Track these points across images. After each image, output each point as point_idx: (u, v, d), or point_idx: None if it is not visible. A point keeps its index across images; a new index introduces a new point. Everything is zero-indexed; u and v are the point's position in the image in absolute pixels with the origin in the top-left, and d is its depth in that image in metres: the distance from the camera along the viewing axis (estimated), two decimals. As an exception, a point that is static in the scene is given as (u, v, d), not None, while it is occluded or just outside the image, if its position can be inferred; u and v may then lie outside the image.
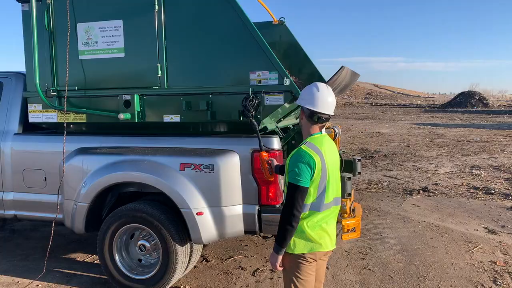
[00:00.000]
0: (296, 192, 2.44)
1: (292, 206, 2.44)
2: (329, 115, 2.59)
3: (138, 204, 3.82)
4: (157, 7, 3.65)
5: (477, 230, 5.62)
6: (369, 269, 4.43)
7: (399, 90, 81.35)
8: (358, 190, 7.86)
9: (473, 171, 9.66)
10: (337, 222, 4.15)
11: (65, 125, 3.99)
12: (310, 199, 2.51)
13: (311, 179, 2.46)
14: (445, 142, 15.13)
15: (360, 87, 72.10)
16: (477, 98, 44.01)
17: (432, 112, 36.52)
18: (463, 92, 47.43)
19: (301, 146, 2.52)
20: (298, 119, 2.85)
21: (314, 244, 2.55)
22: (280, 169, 3.23)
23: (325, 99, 2.57)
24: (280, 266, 2.57)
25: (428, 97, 72.51)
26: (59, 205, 4.02)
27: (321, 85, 2.62)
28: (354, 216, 4.10)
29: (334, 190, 2.62)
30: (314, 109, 2.55)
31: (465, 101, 44.11)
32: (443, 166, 10.39)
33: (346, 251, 4.90)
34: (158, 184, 3.65)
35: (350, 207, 4.12)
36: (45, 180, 4.12)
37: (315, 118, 2.56)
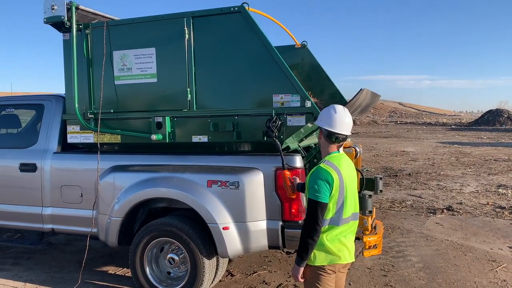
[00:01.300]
0: (316, 208, 2.61)
1: (312, 221, 2.61)
2: (346, 135, 2.76)
3: (168, 218, 4.04)
4: (187, 35, 3.92)
5: (501, 249, 5.61)
6: (391, 285, 4.50)
7: (424, 108, 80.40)
8: (382, 209, 7.90)
9: (500, 190, 9.56)
10: (358, 239, 4.29)
11: (98, 146, 4.24)
12: (329, 214, 2.67)
13: (329, 195, 2.63)
14: (471, 161, 14.94)
15: (385, 105, 71.63)
16: (506, 116, 43.21)
17: (458, 130, 35.98)
18: (490, 110, 46.62)
19: (320, 164, 2.70)
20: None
21: (334, 256, 2.70)
22: (302, 187, 3.40)
23: (342, 120, 2.76)
24: (301, 278, 2.72)
25: (454, 115, 71.38)
26: (94, 219, 4.26)
27: (338, 107, 2.81)
28: (376, 233, 4.20)
29: (352, 205, 2.78)
30: (332, 130, 2.74)
31: (493, 119, 43.34)
32: (468, 185, 10.31)
33: (368, 268, 4.98)
34: (187, 200, 3.86)
35: (371, 224, 4.24)
36: (81, 196, 4.38)
37: (333, 138, 2.75)
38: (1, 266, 5.16)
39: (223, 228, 3.76)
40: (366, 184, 4.68)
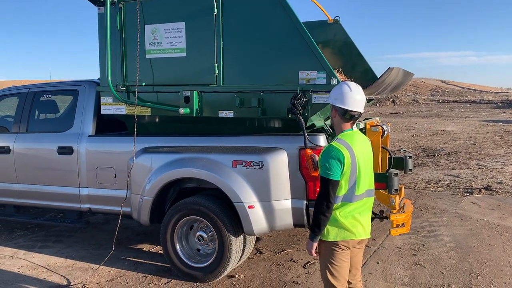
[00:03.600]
0: (327, 185, 2.65)
1: (324, 197, 2.66)
2: (360, 112, 2.75)
3: (196, 198, 4.17)
4: (216, 10, 3.94)
5: (540, 229, 5.42)
6: (420, 264, 4.47)
7: (469, 85, 77.26)
8: (416, 189, 7.77)
9: (544, 169, 9.15)
10: (386, 217, 4.27)
11: (135, 118, 4.33)
12: (342, 191, 2.70)
13: (341, 172, 2.65)
14: (516, 139, 14.33)
15: (426, 83, 69.35)
16: (557, 92, 40.84)
17: (504, 108, 34.36)
18: (541, 86, 44.17)
19: (332, 143, 2.72)
20: (330, 117, 3.00)
21: (347, 232, 2.74)
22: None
23: (355, 97, 2.74)
24: (315, 253, 2.78)
25: (501, 92, 68.11)
26: (127, 199, 4.45)
27: (350, 84, 2.79)
28: (404, 212, 4.16)
29: (366, 182, 2.78)
30: (347, 108, 2.72)
31: (544, 95, 41.08)
32: (511, 164, 9.92)
33: (398, 247, 4.95)
34: (214, 179, 3.96)
35: (399, 203, 4.20)
36: (115, 176, 4.57)
37: (347, 116, 2.74)
38: (45, 243, 5.49)
39: (249, 207, 3.84)
40: (396, 163, 4.63)
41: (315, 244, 2.77)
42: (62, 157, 4.82)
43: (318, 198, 2.70)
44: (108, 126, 4.96)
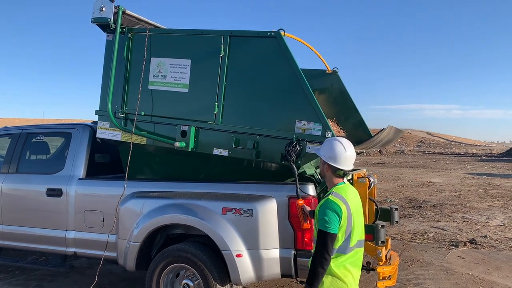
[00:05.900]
0: (326, 239, 2.71)
1: (323, 251, 2.71)
2: (351, 168, 2.87)
3: (183, 245, 4.15)
4: (222, 53, 4.10)
5: (525, 285, 5.45)
6: (406, 319, 4.44)
7: (453, 138, 78.93)
8: (403, 240, 7.79)
9: (528, 224, 9.27)
10: (372, 269, 4.29)
11: (131, 146, 4.36)
12: (338, 244, 2.78)
13: (339, 225, 2.73)
14: (500, 193, 14.55)
15: (412, 135, 70.69)
16: (539, 147, 41.90)
17: (488, 161, 35.06)
18: (523, 141, 45.34)
19: (329, 196, 2.81)
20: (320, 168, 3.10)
21: (340, 282, 2.78)
22: (313, 214, 3.46)
23: (347, 156, 2.88)
24: None
25: (485, 145, 69.65)
26: (113, 244, 4.40)
27: (345, 143, 2.93)
28: (390, 264, 4.19)
29: (358, 233, 2.87)
30: (341, 167, 2.85)
31: (526, 150, 42.10)
32: (495, 218, 10.05)
33: (384, 300, 4.91)
34: (202, 226, 3.97)
35: (385, 255, 4.23)
36: (103, 220, 4.54)
37: (339, 172, 2.87)
38: (26, 288, 5.35)
39: (237, 256, 3.83)
40: (382, 214, 4.70)
41: None
42: (51, 199, 4.79)
43: (317, 251, 2.75)
44: (100, 169, 4.99)
